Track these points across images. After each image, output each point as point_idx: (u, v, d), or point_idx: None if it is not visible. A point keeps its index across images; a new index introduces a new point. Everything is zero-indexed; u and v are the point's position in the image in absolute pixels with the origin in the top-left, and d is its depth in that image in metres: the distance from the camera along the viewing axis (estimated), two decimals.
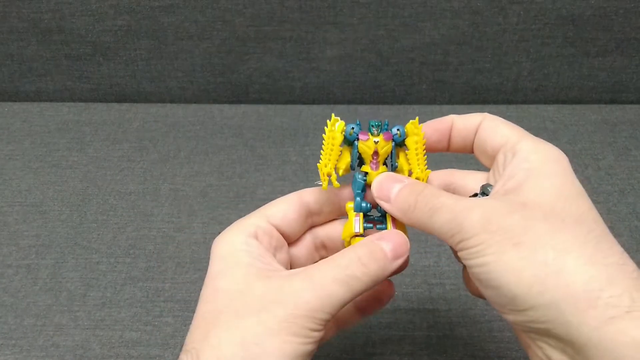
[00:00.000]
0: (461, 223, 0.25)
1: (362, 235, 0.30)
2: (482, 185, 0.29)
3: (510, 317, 0.24)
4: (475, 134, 0.30)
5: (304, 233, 0.32)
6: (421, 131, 0.30)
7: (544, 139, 0.65)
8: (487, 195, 0.28)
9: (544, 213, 0.24)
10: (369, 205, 0.30)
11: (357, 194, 0.30)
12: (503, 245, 0.23)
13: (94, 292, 0.44)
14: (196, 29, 0.62)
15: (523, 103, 0.66)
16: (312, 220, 0.32)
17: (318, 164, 0.30)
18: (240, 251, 0.27)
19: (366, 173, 0.30)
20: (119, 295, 0.44)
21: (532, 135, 0.29)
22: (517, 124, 0.69)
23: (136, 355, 0.40)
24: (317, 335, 0.26)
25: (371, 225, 0.30)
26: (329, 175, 0.29)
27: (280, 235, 0.30)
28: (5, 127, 0.62)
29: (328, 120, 0.30)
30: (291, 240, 0.31)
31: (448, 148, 0.31)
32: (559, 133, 0.60)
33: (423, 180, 0.30)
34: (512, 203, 0.25)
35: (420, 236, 0.48)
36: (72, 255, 0.47)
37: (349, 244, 0.30)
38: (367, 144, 0.30)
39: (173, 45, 0.63)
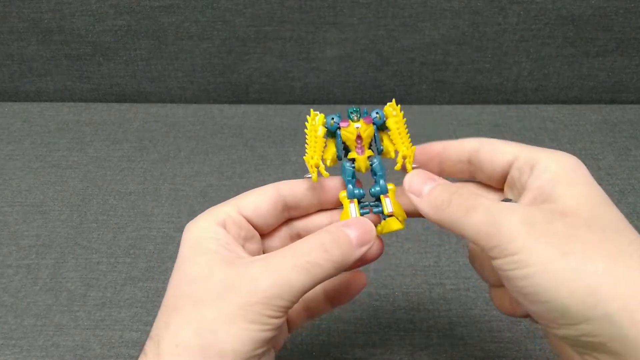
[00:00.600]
0: (500, 224, 0.23)
1: None
2: (502, 200, 0.28)
3: (561, 332, 0.23)
4: (470, 159, 0.29)
5: (281, 225, 0.31)
6: (400, 111, 0.30)
7: (544, 139, 0.66)
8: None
9: (585, 222, 0.23)
10: (361, 191, 0.30)
11: (349, 181, 0.30)
12: (550, 255, 0.22)
13: (94, 292, 0.44)
14: (196, 29, 0.62)
15: (523, 103, 0.66)
16: (288, 213, 0.31)
17: (304, 157, 0.30)
18: (207, 238, 0.27)
19: (354, 159, 0.30)
20: (119, 296, 0.44)
21: (542, 148, 0.28)
22: (517, 124, 0.70)
23: (136, 356, 0.39)
24: (276, 322, 0.25)
25: (367, 210, 0.30)
26: (317, 167, 0.29)
27: (251, 227, 0.29)
28: (6, 127, 0.62)
29: (308, 116, 0.30)
30: (264, 232, 0.31)
31: (440, 174, 0.30)
32: (559, 133, 0.60)
33: (410, 157, 0.30)
34: (551, 211, 0.24)
35: (421, 236, 0.48)
36: (72, 255, 0.47)
37: None
38: (349, 129, 0.30)
39: (173, 46, 0.63)
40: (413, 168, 0.30)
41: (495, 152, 0.28)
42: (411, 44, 0.62)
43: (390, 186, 0.30)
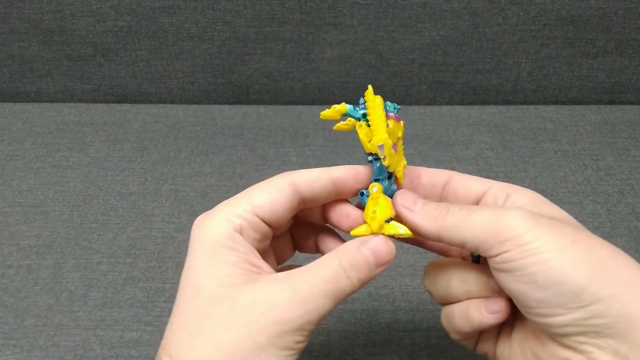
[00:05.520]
0: (509, 219, 0.25)
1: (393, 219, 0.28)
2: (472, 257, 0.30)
3: (564, 318, 0.24)
4: (445, 185, 0.31)
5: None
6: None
7: (543, 139, 0.66)
8: (478, 261, 0.29)
9: (577, 226, 0.26)
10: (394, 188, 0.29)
11: (385, 177, 0.28)
12: (563, 242, 0.24)
13: (94, 292, 0.44)
14: (197, 30, 0.62)
15: (522, 104, 0.66)
16: (304, 205, 0.30)
17: (377, 137, 0.27)
18: (225, 248, 0.26)
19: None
20: (119, 296, 0.44)
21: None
22: (517, 125, 0.70)
23: (137, 356, 0.40)
24: (302, 346, 0.25)
25: None
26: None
27: (266, 226, 0.28)
28: (6, 127, 0.62)
29: (367, 91, 0.27)
30: (277, 227, 0.30)
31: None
32: (558, 133, 0.60)
33: (404, 169, 0.29)
34: (547, 216, 0.26)
35: None
36: (72, 255, 0.47)
37: (381, 227, 0.28)
38: (400, 126, 0.28)
39: (174, 46, 0.63)
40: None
41: (469, 179, 0.30)
42: (411, 45, 0.63)
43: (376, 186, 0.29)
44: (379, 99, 0.27)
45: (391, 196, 0.29)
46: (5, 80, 0.66)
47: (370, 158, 0.28)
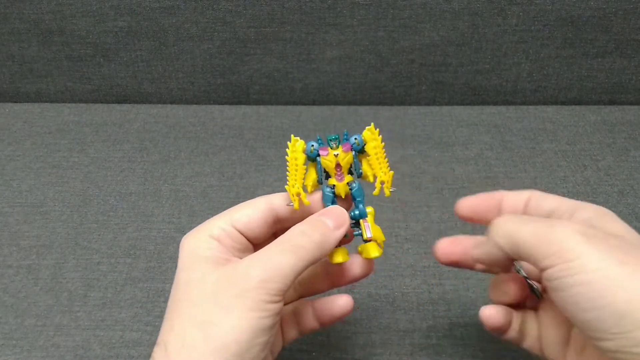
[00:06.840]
0: (559, 232, 0.25)
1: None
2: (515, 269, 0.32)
3: (610, 344, 0.23)
4: (525, 206, 0.32)
5: (272, 236, 0.33)
6: (378, 135, 0.31)
7: (543, 140, 0.66)
8: (537, 295, 0.31)
9: (633, 242, 0.25)
10: None
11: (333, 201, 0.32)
12: (609, 262, 0.23)
13: (94, 292, 0.44)
14: (197, 30, 0.62)
15: (522, 104, 0.66)
16: (280, 224, 0.32)
17: (286, 186, 0.31)
18: (201, 249, 0.29)
19: (334, 185, 0.32)
20: (119, 296, 0.44)
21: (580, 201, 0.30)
22: (517, 125, 0.70)
23: (137, 356, 0.40)
24: (274, 307, 0.27)
25: (347, 234, 0.32)
26: (299, 195, 0.31)
27: (244, 238, 0.31)
28: (6, 127, 0.62)
29: (288, 142, 0.32)
30: (256, 242, 0.32)
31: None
32: (558, 134, 0.60)
33: (388, 182, 0.31)
34: (600, 230, 0.26)
35: (420, 237, 0.48)
36: (72, 255, 0.47)
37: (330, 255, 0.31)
38: (328, 158, 0.31)
39: (174, 46, 0.63)
40: (390, 192, 0.32)
41: (543, 200, 0.31)
42: (411, 45, 0.63)
43: (369, 209, 0.32)
44: (297, 147, 0.32)
45: (362, 217, 0.32)
46: (5, 80, 0.66)
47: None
